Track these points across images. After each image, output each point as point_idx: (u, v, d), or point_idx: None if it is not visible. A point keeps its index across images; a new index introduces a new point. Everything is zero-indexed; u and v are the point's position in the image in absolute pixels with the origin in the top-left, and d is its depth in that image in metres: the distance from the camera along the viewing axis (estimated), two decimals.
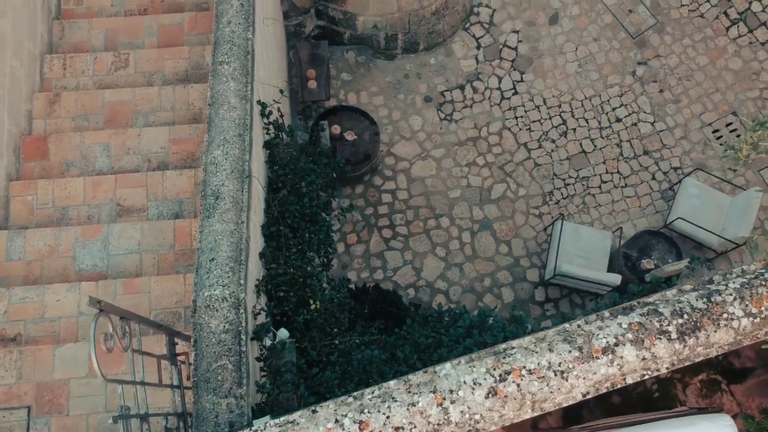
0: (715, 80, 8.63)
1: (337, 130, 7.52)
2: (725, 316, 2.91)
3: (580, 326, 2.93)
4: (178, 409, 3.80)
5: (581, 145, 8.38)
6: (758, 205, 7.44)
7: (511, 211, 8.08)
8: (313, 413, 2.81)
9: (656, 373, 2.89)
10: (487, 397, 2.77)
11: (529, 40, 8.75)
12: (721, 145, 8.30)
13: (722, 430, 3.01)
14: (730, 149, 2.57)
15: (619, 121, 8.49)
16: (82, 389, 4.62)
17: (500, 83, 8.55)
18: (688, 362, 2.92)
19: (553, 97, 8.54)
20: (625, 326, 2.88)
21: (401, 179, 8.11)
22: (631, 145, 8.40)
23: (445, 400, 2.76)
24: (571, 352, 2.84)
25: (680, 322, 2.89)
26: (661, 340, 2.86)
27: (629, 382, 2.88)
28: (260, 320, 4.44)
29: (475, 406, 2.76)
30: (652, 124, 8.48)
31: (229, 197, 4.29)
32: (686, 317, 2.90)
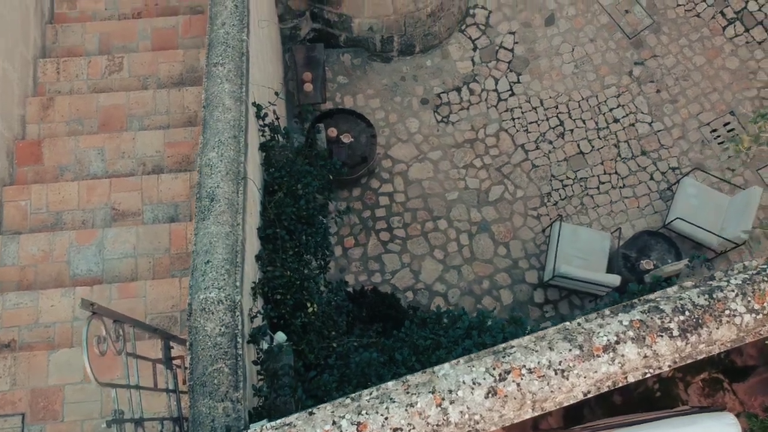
0: (712, 80, 8.60)
1: (333, 132, 7.48)
2: (727, 312, 2.87)
3: (580, 324, 2.89)
4: (174, 413, 3.75)
5: (579, 146, 8.35)
6: (757, 204, 7.40)
7: (509, 212, 8.04)
8: (310, 415, 2.76)
9: (658, 371, 2.85)
10: (486, 396, 2.73)
11: (525, 41, 8.72)
12: (720, 144, 8.27)
13: (726, 428, 2.97)
14: (731, 142, 2.53)
15: (616, 121, 8.46)
16: (77, 395, 4.56)
17: (497, 85, 8.52)
18: (690, 360, 2.88)
19: (550, 98, 8.51)
20: (626, 324, 2.84)
21: (398, 182, 8.07)
22: (628, 145, 8.37)
23: (444, 400, 2.71)
24: (571, 350, 2.79)
25: (682, 319, 2.85)
26: (662, 337, 2.81)
27: (631, 380, 2.84)
28: (257, 323, 4.39)
29: (474, 406, 2.71)
30: (649, 124, 8.45)
31: (224, 199, 4.24)
32: (688, 314, 2.86)
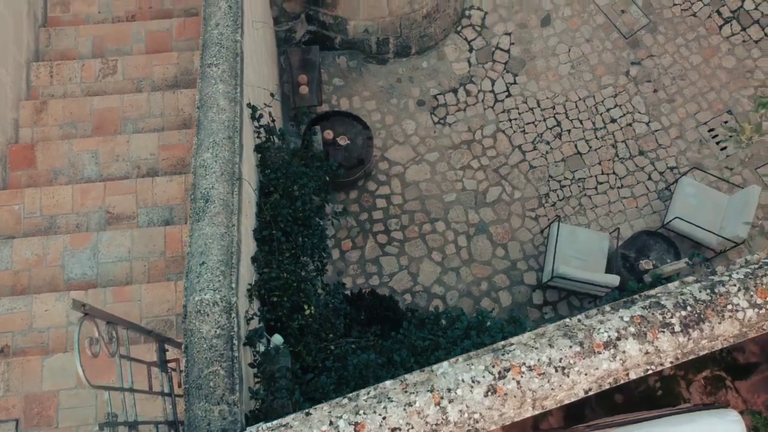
0: (709, 79, 8.58)
1: (329, 135, 7.43)
2: (729, 307, 2.83)
3: (580, 321, 2.85)
4: (169, 417, 3.70)
5: (576, 146, 8.31)
6: (756, 202, 7.37)
7: (506, 214, 8.00)
8: (306, 416, 2.71)
9: (660, 367, 2.80)
10: (486, 395, 2.68)
11: (521, 42, 8.69)
12: (717, 143, 8.24)
13: (729, 425, 2.92)
14: (732, 132, 2.49)
15: (613, 121, 8.43)
16: (71, 400, 4.50)
17: (493, 86, 8.49)
18: (692, 356, 2.83)
19: (546, 98, 8.48)
20: (626, 320, 2.79)
21: (395, 184, 8.02)
22: (626, 145, 8.34)
23: (443, 399, 2.66)
24: (571, 347, 2.74)
25: (683, 314, 2.80)
26: (664, 333, 2.77)
27: (632, 377, 2.79)
28: (253, 325, 4.34)
29: (474, 404, 2.67)
30: (647, 124, 8.42)
31: (219, 200, 4.20)
32: (690, 309, 2.81)
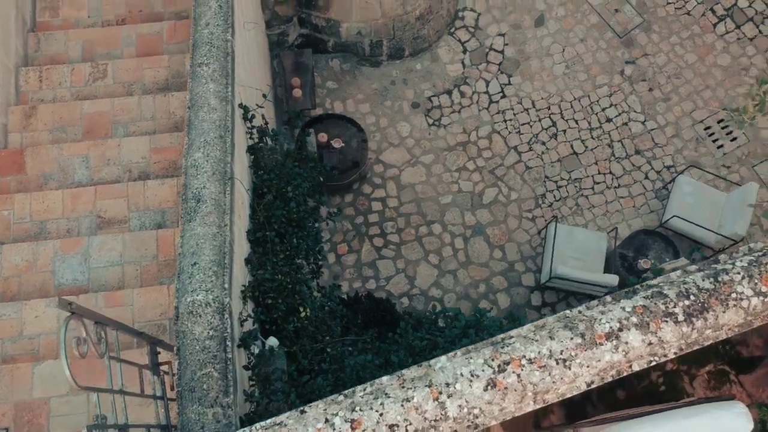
0: (704, 77, 8.53)
1: (323, 137, 7.36)
2: (734, 295, 2.76)
3: (581, 312, 2.78)
4: (162, 421, 3.61)
5: (572, 146, 8.26)
6: (754, 199, 7.32)
7: (503, 215, 7.93)
8: (301, 414, 2.63)
9: (663, 358, 2.73)
10: (485, 389, 2.60)
11: (515, 42, 8.65)
12: (714, 142, 8.19)
13: (736, 418, 2.85)
14: (733, 111, 2.42)
15: (609, 121, 8.38)
16: (62, 408, 4.41)
17: (488, 87, 8.44)
18: (697, 346, 2.76)
19: (541, 99, 8.43)
20: (628, 310, 2.72)
21: (391, 186, 7.95)
22: (622, 144, 8.29)
23: (441, 394, 2.59)
24: (573, 338, 2.67)
25: (687, 303, 2.73)
26: (667, 323, 2.70)
27: (636, 369, 2.72)
28: (247, 327, 4.26)
29: (473, 399, 2.59)
30: (642, 123, 8.37)
31: (210, 200, 4.12)
32: (693, 298, 2.74)
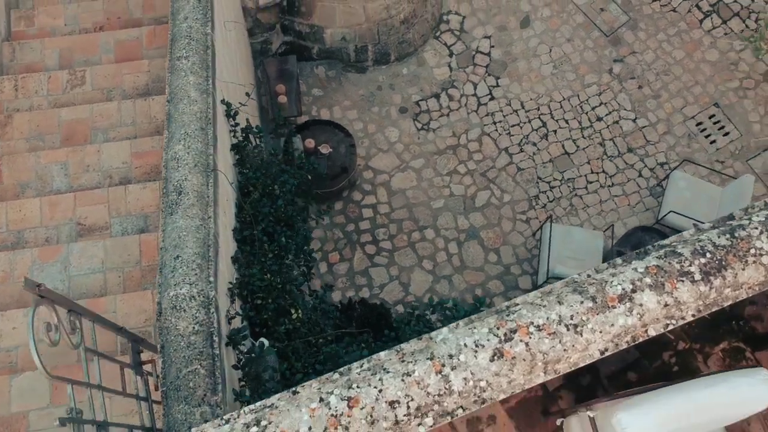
0: (693, 73, 8.45)
1: (311, 143, 7.18)
2: (753, 251, 2.58)
3: (590, 276, 2.59)
4: (146, 424, 3.38)
5: (563, 146, 8.12)
6: (751, 192, 7.18)
7: (497, 218, 7.76)
8: (293, 394, 2.42)
9: (681, 321, 2.54)
10: (492, 360, 2.40)
11: (501, 44, 8.55)
12: (706, 137, 8.08)
13: (761, 384, 2.65)
14: (746, 40, 2.27)
15: (600, 119, 8.25)
16: (42, 421, 4.16)
17: (476, 89, 8.31)
18: (716, 307, 2.57)
19: (530, 100, 8.30)
20: (641, 270, 2.54)
21: (381, 193, 7.77)
22: (614, 143, 8.16)
23: (444, 366, 2.38)
24: (583, 302, 2.48)
25: (703, 261, 2.55)
26: (683, 282, 2.51)
27: (652, 333, 2.52)
28: (235, 325, 4.05)
29: (479, 371, 2.38)
30: (633, 120, 8.26)
31: (192, 192, 3.93)
32: (709, 256, 2.56)
